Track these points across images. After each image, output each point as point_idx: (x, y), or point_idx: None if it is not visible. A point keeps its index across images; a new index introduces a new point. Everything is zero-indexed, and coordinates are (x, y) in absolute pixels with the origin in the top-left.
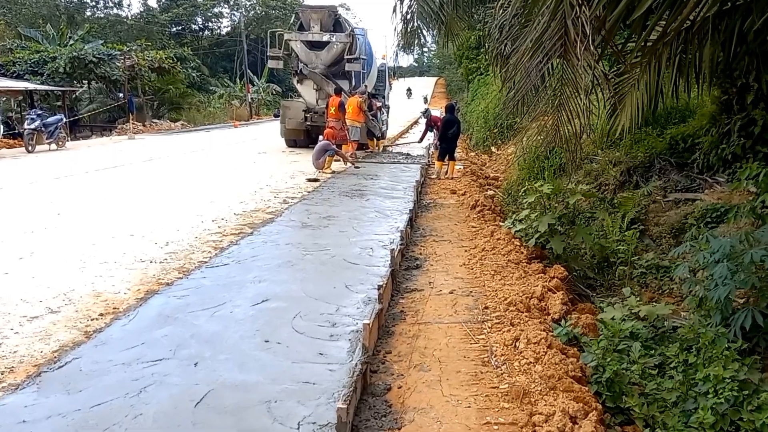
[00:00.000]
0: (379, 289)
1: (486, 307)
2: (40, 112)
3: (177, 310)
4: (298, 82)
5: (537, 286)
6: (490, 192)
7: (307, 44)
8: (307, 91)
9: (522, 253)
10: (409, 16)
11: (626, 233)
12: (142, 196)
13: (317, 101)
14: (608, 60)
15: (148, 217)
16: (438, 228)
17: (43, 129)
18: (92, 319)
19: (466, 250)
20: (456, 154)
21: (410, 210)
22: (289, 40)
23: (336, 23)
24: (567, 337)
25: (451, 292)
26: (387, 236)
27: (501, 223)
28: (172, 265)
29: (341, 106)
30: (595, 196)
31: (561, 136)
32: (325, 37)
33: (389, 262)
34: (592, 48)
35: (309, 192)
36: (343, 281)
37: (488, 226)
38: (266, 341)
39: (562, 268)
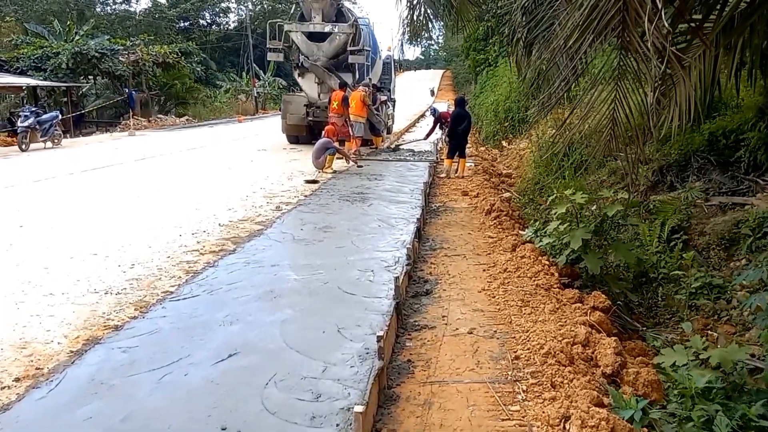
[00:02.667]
0: (378, 341)
1: (516, 357)
2: (33, 109)
3: (116, 372)
4: (299, 75)
5: (578, 326)
6: (506, 194)
7: (308, 35)
8: (309, 85)
9: (552, 275)
10: (416, 1)
11: (681, 252)
12: (121, 202)
13: (319, 95)
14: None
15: (120, 230)
16: (450, 238)
17: (37, 127)
18: (3, 388)
19: (484, 270)
20: (467, 150)
21: (418, 218)
22: (290, 31)
23: (338, 13)
24: (641, 425)
25: (470, 332)
26: (391, 253)
27: (521, 232)
28: (130, 297)
29: (345, 101)
30: (638, 205)
31: (618, 134)
32: (327, 28)
33: (393, 292)
34: (665, 23)
35: (306, 196)
36: (336, 321)
37: (507, 236)
38: (223, 429)
39: (603, 296)
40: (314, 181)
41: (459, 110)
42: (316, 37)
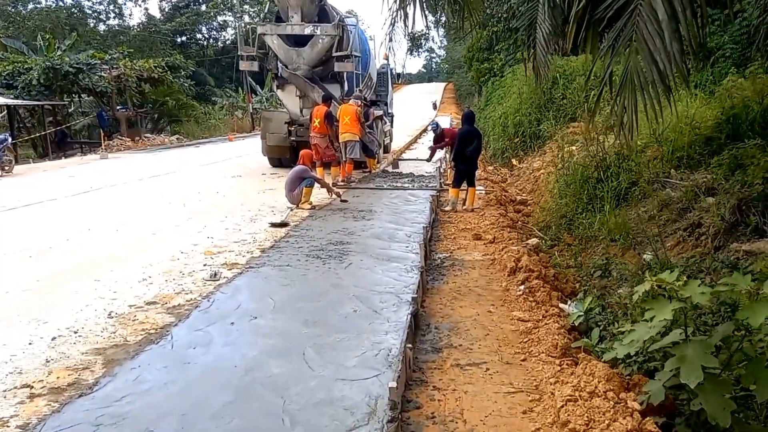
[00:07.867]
0: None
1: None
2: None
3: None
4: (278, 87)
5: None
6: (532, 241)
7: (286, 39)
8: (290, 99)
9: None
10: None
11: None
12: None
13: (302, 111)
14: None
15: None
16: (461, 323)
17: None
18: None
19: (525, 411)
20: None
21: (413, 297)
22: (264, 34)
23: (321, 12)
24: None
25: None
26: (364, 384)
27: (562, 307)
28: None
29: (329, 118)
30: None
31: None
32: (308, 30)
33: None
34: None
35: (263, 250)
36: None
37: (545, 319)
38: None
39: None
40: (282, 224)
41: (467, 127)
42: (296, 42)
